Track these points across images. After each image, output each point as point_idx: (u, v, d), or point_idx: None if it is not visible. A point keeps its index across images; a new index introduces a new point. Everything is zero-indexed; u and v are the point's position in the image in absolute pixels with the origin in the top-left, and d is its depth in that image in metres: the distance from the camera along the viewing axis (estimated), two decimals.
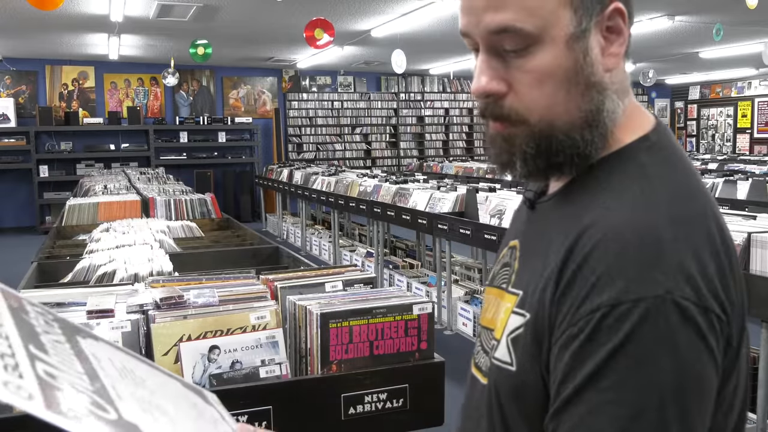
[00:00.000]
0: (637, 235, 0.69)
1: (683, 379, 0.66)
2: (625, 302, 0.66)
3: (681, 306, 0.66)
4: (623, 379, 0.66)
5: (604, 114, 0.76)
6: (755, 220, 3.32)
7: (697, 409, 0.67)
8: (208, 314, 1.52)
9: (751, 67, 13.25)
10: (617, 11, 0.76)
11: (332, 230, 7.68)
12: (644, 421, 0.65)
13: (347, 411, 1.53)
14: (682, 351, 0.66)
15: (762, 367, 2.76)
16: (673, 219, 0.71)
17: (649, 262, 0.67)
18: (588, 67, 0.76)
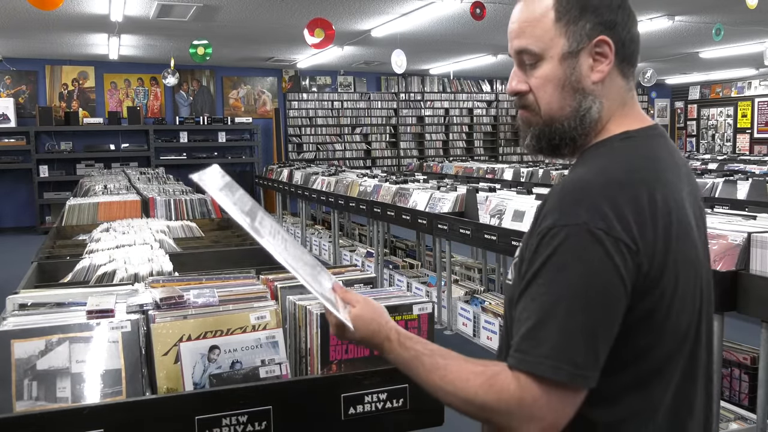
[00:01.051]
0: (575, 185, 1.02)
1: (591, 282, 0.96)
2: (556, 227, 0.98)
3: (593, 233, 0.96)
4: (550, 279, 0.97)
5: (583, 110, 1.09)
6: (755, 220, 3.31)
7: (600, 305, 0.96)
8: (208, 314, 1.52)
9: (751, 67, 13.25)
10: (603, 41, 1.08)
11: (332, 230, 7.68)
12: (560, 306, 0.96)
13: (347, 411, 1.53)
14: (591, 263, 0.95)
15: (762, 367, 2.76)
16: (607, 179, 1.01)
17: (576, 202, 0.99)
18: (575, 78, 1.09)
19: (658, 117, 16.99)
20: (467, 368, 1.03)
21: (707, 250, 1.16)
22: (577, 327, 0.95)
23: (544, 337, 0.96)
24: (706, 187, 6.25)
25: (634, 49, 1.13)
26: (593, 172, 1.03)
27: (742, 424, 3.24)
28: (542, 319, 0.96)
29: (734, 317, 3.51)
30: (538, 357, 0.95)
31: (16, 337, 1.39)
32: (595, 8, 1.08)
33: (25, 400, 1.35)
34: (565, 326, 0.95)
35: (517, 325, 1.00)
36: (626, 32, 1.11)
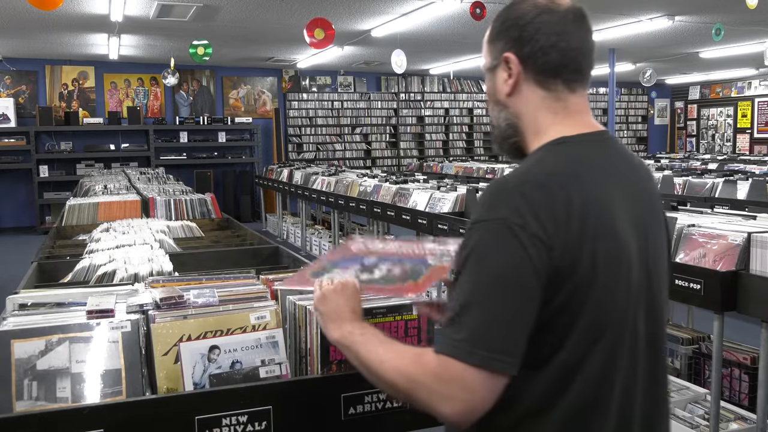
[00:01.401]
0: (498, 186, 1.11)
1: (507, 273, 1.04)
2: (479, 222, 1.08)
3: (510, 227, 1.04)
4: (472, 270, 1.06)
5: (501, 120, 1.23)
6: (755, 220, 3.31)
7: (516, 294, 1.04)
8: (208, 314, 1.52)
9: (751, 67, 13.25)
10: (507, 57, 1.18)
11: (332, 230, 7.68)
12: (479, 294, 1.04)
13: (347, 411, 1.53)
14: (508, 255, 1.04)
15: (762, 367, 2.76)
16: (527, 179, 1.10)
17: (497, 200, 1.08)
18: (494, 92, 1.23)
19: (658, 117, 16.99)
20: (403, 349, 1.14)
21: (657, 251, 1.19)
22: (494, 314, 1.03)
23: (464, 323, 1.03)
24: (706, 187, 6.25)
25: (550, 61, 1.15)
26: (517, 174, 1.12)
27: (742, 424, 3.24)
28: (463, 306, 1.04)
29: (734, 317, 3.50)
30: (457, 341, 1.03)
31: (16, 337, 1.39)
32: (507, 28, 1.19)
33: (25, 400, 1.35)
34: (482, 313, 1.03)
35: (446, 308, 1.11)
36: (536, 46, 1.15)
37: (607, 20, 8.54)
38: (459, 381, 1.02)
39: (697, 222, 3.17)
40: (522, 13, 1.17)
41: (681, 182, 6.54)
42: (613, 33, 9.23)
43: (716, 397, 2.97)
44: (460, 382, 1.02)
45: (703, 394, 3.58)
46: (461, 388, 1.03)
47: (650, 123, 16.79)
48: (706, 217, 3.45)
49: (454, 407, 1.03)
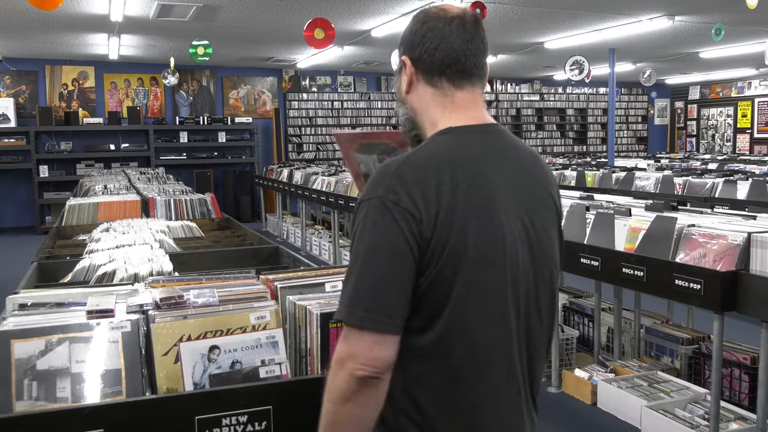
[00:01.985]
0: (381, 168, 1.22)
1: (380, 243, 1.16)
2: (362, 201, 1.20)
3: (385, 204, 1.16)
4: (355, 244, 1.19)
5: (404, 115, 1.36)
6: (755, 220, 3.31)
7: (389, 261, 1.15)
8: (208, 314, 1.52)
9: (751, 67, 13.25)
10: (404, 62, 1.33)
11: (332, 230, 7.68)
12: (357, 263, 1.17)
13: None
14: (382, 228, 1.16)
15: (762, 367, 2.76)
16: (405, 162, 1.21)
17: (377, 181, 1.20)
18: (399, 89, 1.36)
19: (658, 117, 17.00)
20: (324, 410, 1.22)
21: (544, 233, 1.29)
22: (368, 279, 1.15)
23: (345, 290, 1.17)
24: (706, 187, 6.25)
25: (434, 62, 1.28)
26: (401, 158, 1.23)
27: (742, 424, 3.24)
28: (347, 276, 1.18)
29: (734, 317, 3.51)
30: (341, 306, 1.16)
31: (16, 337, 1.39)
32: (404, 37, 1.34)
33: (25, 400, 1.35)
34: (358, 279, 1.16)
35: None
36: (423, 48, 1.28)
37: (607, 20, 8.54)
38: (348, 341, 1.14)
39: (697, 222, 3.18)
40: (415, 22, 1.32)
41: (681, 182, 6.54)
42: (613, 33, 9.23)
43: (716, 397, 2.97)
44: (349, 342, 1.14)
45: (703, 394, 3.58)
46: (349, 347, 1.14)
47: (650, 123, 16.79)
48: (706, 217, 3.45)
49: (352, 366, 1.13)
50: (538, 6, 7.74)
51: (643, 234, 3.31)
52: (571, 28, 9.14)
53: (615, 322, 4.25)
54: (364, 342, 1.13)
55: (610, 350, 4.41)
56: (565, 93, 15.72)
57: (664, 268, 3.05)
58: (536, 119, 15.45)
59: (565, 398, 3.95)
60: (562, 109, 15.78)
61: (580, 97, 15.87)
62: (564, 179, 8.19)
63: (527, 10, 7.91)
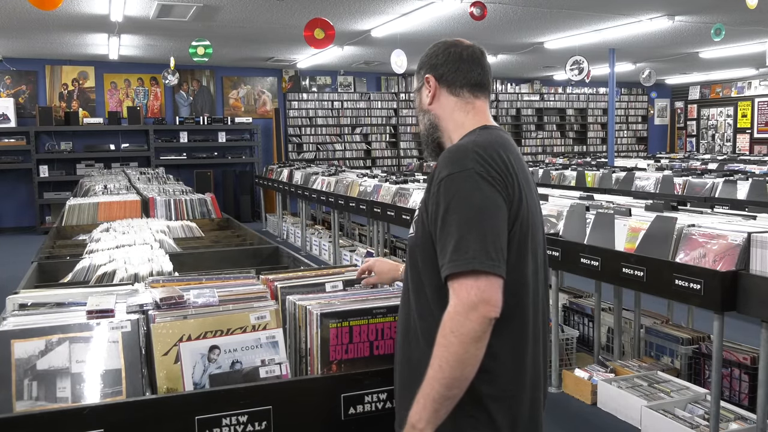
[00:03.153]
0: (457, 149, 1.46)
1: (487, 203, 1.38)
2: (452, 174, 1.40)
3: (479, 173, 1.40)
4: (459, 208, 1.37)
5: (428, 122, 1.65)
6: (755, 220, 3.31)
7: (496, 217, 1.38)
8: (208, 314, 1.52)
9: (751, 67, 13.25)
10: (427, 78, 1.65)
11: (332, 230, 7.68)
12: (472, 223, 1.36)
13: (347, 411, 1.53)
14: (484, 191, 1.38)
15: (762, 367, 2.76)
16: (475, 145, 1.45)
17: (460, 158, 1.42)
18: (421, 104, 1.67)
19: (658, 117, 17.00)
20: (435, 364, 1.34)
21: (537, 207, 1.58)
22: (485, 233, 1.35)
23: (467, 246, 1.34)
24: (706, 187, 6.25)
25: (457, 77, 1.61)
26: (466, 142, 1.48)
27: (742, 424, 3.24)
28: (462, 236, 1.35)
29: (734, 317, 3.51)
30: (467, 259, 1.33)
31: (16, 337, 1.39)
32: (426, 60, 1.68)
33: (25, 400, 1.35)
34: (477, 235, 1.35)
35: (441, 251, 1.38)
36: (447, 68, 1.62)
37: (607, 20, 8.54)
38: (476, 288, 1.32)
39: (697, 222, 3.17)
40: (435, 50, 1.67)
41: (681, 182, 6.55)
42: (613, 33, 9.23)
43: (716, 397, 2.97)
44: (477, 288, 1.32)
45: (703, 394, 3.58)
46: (479, 292, 1.32)
47: (650, 123, 16.79)
48: (706, 217, 3.45)
49: (482, 311, 1.31)
50: (538, 6, 7.74)
51: (643, 234, 3.31)
52: (571, 28, 9.14)
53: (615, 322, 4.25)
54: (493, 287, 1.33)
55: (610, 350, 4.41)
56: (565, 93, 15.72)
57: (664, 268, 3.05)
58: (536, 119, 15.44)
59: (565, 398, 3.95)
60: (562, 109, 15.77)
61: (580, 97, 15.86)
62: (564, 179, 8.19)
63: (527, 10, 7.91)
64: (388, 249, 7.37)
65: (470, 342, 1.31)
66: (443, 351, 1.32)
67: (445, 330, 1.32)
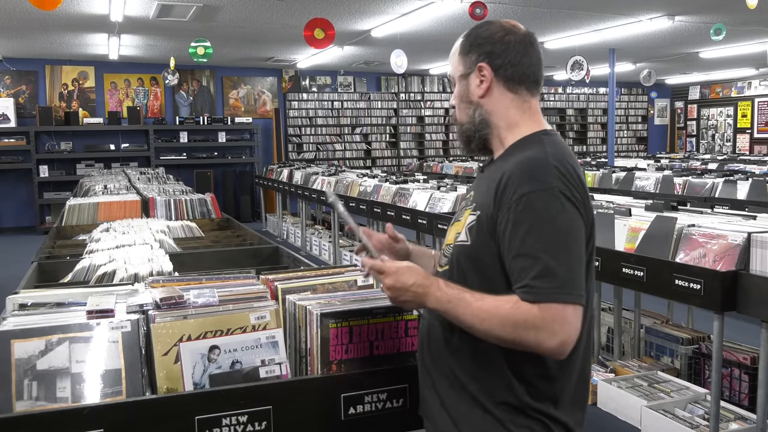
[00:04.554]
0: (537, 161, 1.36)
1: (572, 227, 1.33)
2: (536, 191, 1.32)
3: (563, 193, 1.32)
4: (544, 230, 1.30)
5: (476, 117, 1.49)
6: (755, 220, 3.31)
7: (580, 243, 1.34)
8: (208, 314, 1.52)
9: (751, 67, 13.25)
10: (482, 67, 1.46)
11: (332, 230, 7.68)
12: (560, 247, 1.30)
13: (347, 411, 1.53)
14: (569, 213, 1.32)
15: (762, 367, 2.76)
16: (552, 155, 1.37)
17: (543, 173, 1.34)
18: (467, 93, 1.50)
19: (658, 117, 16.99)
20: (498, 298, 1.33)
21: None
22: (571, 260, 1.31)
23: (554, 273, 1.28)
24: (706, 187, 6.25)
25: (516, 72, 1.46)
26: (541, 153, 1.37)
27: (742, 424, 3.24)
28: (548, 261, 1.29)
29: (734, 317, 3.51)
30: (553, 288, 1.28)
31: (16, 337, 1.39)
32: (480, 44, 1.47)
33: (25, 400, 1.35)
34: (565, 261, 1.29)
35: (519, 273, 1.31)
36: (506, 60, 1.45)
37: (607, 20, 8.54)
38: (560, 319, 1.28)
39: (697, 222, 3.17)
40: (491, 33, 1.47)
41: (681, 182, 6.54)
42: (613, 33, 9.23)
43: (716, 397, 2.97)
44: (560, 319, 1.28)
45: (703, 394, 3.58)
46: (561, 324, 1.28)
47: (650, 123, 16.79)
48: (706, 217, 3.45)
49: (558, 341, 1.28)
50: (538, 6, 7.74)
51: (643, 234, 3.31)
52: (571, 28, 9.14)
53: (615, 322, 4.25)
54: (578, 318, 1.30)
55: (610, 350, 4.41)
56: (565, 93, 15.72)
57: (664, 268, 3.05)
58: None
59: None
60: (562, 109, 15.78)
61: (580, 97, 15.87)
62: None
63: (527, 10, 7.91)
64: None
65: (521, 346, 1.31)
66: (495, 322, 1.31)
67: (512, 317, 1.29)
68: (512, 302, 1.31)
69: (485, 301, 1.33)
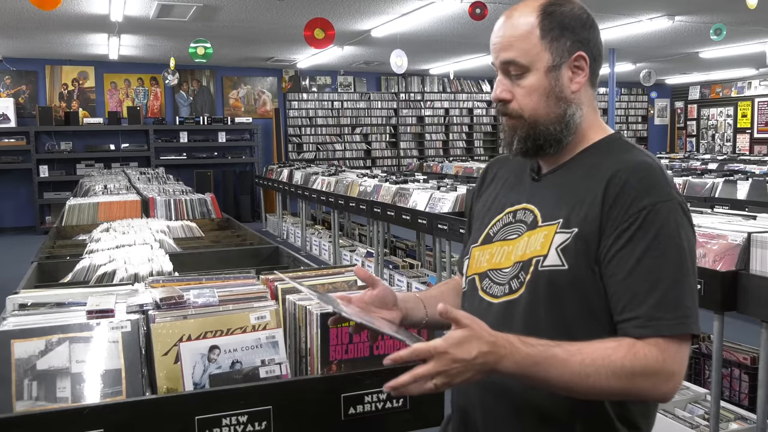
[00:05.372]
0: (655, 168, 1.17)
1: (692, 248, 1.15)
2: (661, 202, 1.13)
3: (682, 206, 1.15)
4: (666, 249, 1.11)
5: (568, 116, 1.24)
6: (755, 220, 3.31)
7: (695, 258, 1.15)
8: (208, 314, 1.52)
9: (751, 67, 13.25)
10: (581, 57, 1.24)
11: (332, 230, 7.68)
12: (682, 271, 1.10)
13: (347, 411, 1.53)
14: (688, 231, 1.15)
15: (762, 367, 2.76)
16: (659, 165, 1.19)
17: (662, 182, 1.15)
18: (558, 88, 1.23)
19: (658, 117, 16.99)
20: (601, 346, 1.09)
21: None
22: (693, 285, 1.12)
23: (679, 301, 1.09)
24: (706, 187, 6.25)
25: (600, 62, 1.30)
26: (649, 160, 1.19)
27: (742, 424, 3.24)
28: (671, 287, 1.09)
29: (734, 317, 3.51)
30: (678, 318, 1.09)
31: (16, 337, 1.39)
32: (572, 28, 1.23)
33: (25, 400, 1.35)
34: (688, 288, 1.11)
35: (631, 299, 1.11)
36: (596, 48, 1.28)
37: (607, 20, 8.54)
38: (680, 356, 1.09)
39: (697, 222, 3.17)
40: (578, 13, 1.25)
41: (681, 182, 6.55)
42: (613, 33, 9.22)
43: (716, 397, 2.97)
44: (680, 356, 1.09)
45: (703, 394, 3.58)
46: (681, 361, 1.09)
47: (650, 123, 16.79)
48: (706, 217, 3.45)
49: (674, 383, 1.09)
50: None
51: None
52: None
53: None
54: (688, 351, 1.12)
55: None
56: None
57: None
58: None
59: None
60: None
61: None
62: None
63: None
64: (388, 249, 7.37)
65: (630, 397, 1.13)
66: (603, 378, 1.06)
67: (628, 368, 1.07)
68: (625, 347, 1.08)
69: (585, 353, 1.08)
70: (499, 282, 1.26)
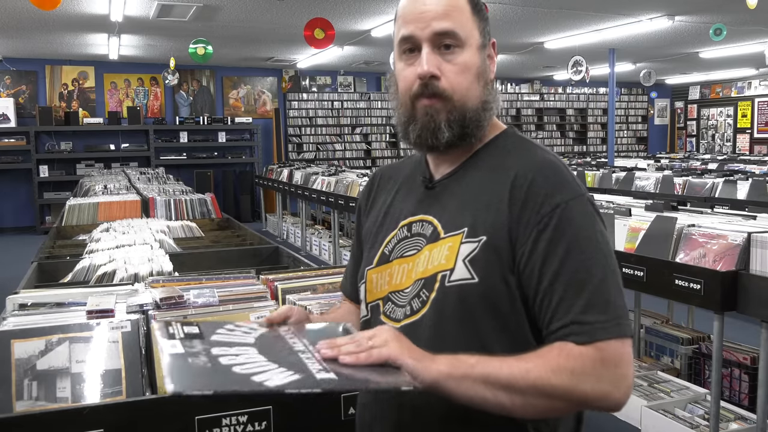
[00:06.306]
0: (558, 164, 1.09)
1: (606, 238, 1.06)
2: (570, 200, 1.04)
3: (590, 199, 1.08)
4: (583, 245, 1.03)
5: (490, 104, 1.14)
6: (755, 220, 3.31)
7: (613, 252, 1.06)
8: (208, 314, 1.52)
9: (751, 67, 13.25)
10: (494, 44, 1.18)
11: (332, 230, 7.68)
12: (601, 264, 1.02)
13: (347, 411, 1.53)
14: (601, 225, 1.07)
15: (762, 367, 2.76)
16: (557, 158, 1.12)
17: (569, 178, 1.07)
18: (486, 70, 1.14)
19: (658, 117, 17.00)
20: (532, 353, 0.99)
21: None
22: (620, 284, 1.04)
23: (607, 302, 1.00)
24: (706, 187, 6.25)
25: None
26: (548, 157, 1.12)
27: (742, 424, 3.24)
28: (597, 287, 1.00)
29: (734, 317, 3.51)
30: (614, 319, 0.99)
31: (16, 337, 1.39)
32: (485, 15, 1.16)
33: (25, 400, 1.35)
34: (615, 286, 1.03)
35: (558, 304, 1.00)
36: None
37: (607, 20, 8.54)
38: (622, 357, 0.98)
39: (697, 222, 3.17)
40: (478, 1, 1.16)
41: (681, 182, 6.55)
42: (613, 33, 9.23)
43: (716, 397, 2.97)
44: (623, 358, 0.99)
45: (703, 394, 3.58)
46: (626, 363, 0.99)
47: (650, 123, 16.79)
48: (706, 217, 3.45)
49: (625, 386, 0.98)
50: (538, 6, 7.74)
51: (643, 234, 3.31)
52: (571, 28, 9.14)
53: None
54: (631, 352, 1.02)
55: None
56: (565, 93, 15.72)
57: (664, 268, 3.05)
58: (536, 119, 15.45)
59: None
60: (562, 109, 15.78)
61: (580, 97, 15.86)
62: None
63: (527, 10, 7.91)
64: None
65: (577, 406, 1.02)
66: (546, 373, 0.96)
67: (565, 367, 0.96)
68: (556, 349, 0.98)
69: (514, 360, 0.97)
70: (401, 304, 1.12)
